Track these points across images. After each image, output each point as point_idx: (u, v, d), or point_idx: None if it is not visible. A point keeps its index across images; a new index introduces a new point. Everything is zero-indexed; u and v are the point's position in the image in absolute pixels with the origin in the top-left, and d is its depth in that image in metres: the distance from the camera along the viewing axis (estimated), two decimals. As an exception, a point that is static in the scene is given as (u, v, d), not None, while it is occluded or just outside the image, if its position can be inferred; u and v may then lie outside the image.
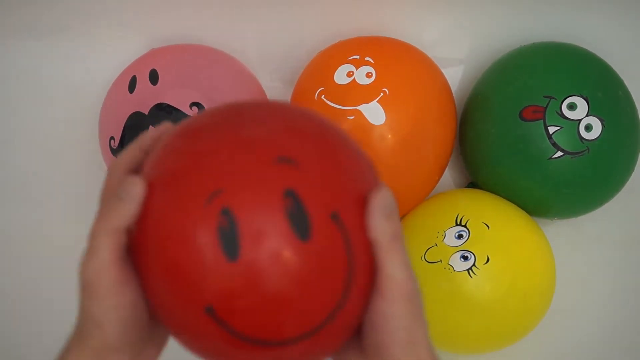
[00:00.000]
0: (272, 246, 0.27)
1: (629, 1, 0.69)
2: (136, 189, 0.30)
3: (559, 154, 0.58)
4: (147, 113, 0.57)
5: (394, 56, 0.62)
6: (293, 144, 0.30)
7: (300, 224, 0.28)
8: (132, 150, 0.35)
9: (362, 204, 0.30)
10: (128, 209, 0.30)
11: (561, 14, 0.69)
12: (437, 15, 0.71)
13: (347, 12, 0.69)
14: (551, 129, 0.58)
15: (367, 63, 0.60)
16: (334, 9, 0.69)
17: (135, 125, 0.57)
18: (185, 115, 0.57)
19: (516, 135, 0.59)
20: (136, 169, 0.33)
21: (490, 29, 0.71)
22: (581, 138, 0.57)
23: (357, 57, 0.60)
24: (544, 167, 0.58)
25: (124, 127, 0.57)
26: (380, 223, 0.29)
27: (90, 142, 0.66)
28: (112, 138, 0.59)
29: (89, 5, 0.70)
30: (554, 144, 0.58)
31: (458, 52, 0.73)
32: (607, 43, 0.66)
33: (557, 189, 0.60)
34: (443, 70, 0.65)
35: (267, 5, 0.69)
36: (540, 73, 0.60)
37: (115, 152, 0.59)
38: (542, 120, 0.58)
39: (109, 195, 0.32)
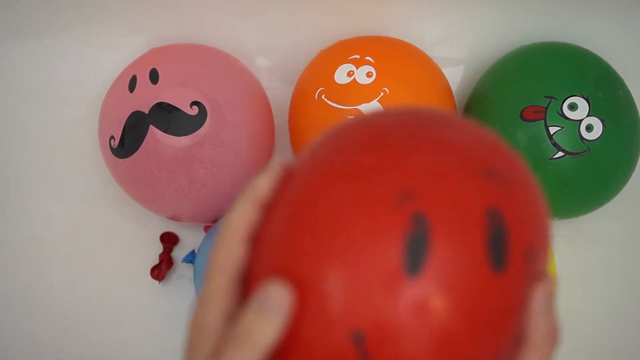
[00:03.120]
0: (462, 267, 0.23)
1: (629, 1, 0.69)
2: (283, 299, 0.24)
3: (560, 154, 0.58)
4: (147, 112, 0.57)
5: (394, 56, 0.62)
6: (498, 158, 0.26)
7: (497, 250, 0.23)
8: (246, 209, 0.27)
9: (546, 245, 0.26)
10: (273, 329, 0.24)
11: (561, 14, 0.69)
12: (437, 15, 0.71)
13: (347, 12, 0.69)
14: (552, 129, 0.58)
15: (368, 62, 0.60)
16: (334, 9, 0.69)
17: (135, 124, 0.57)
18: (185, 115, 0.56)
19: (517, 135, 0.59)
20: (254, 235, 0.27)
21: (490, 29, 0.71)
22: (582, 138, 0.57)
23: (358, 56, 0.60)
24: (545, 167, 0.58)
25: (124, 127, 0.57)
26: (537, 319, 0.26)
27: (90, 141, 0.66)
28: (112, 137, 0.58)
29: (89, 5, 0.70)
30: (555, 144, 0.58)
31: (458, 52, 0.73)
32: (607, 43, 0.66)
33: (557, 189, 0.59)
34: (443, 70, 0.65)
35: (267, 5, 0.69)
36: (540, 73, 0.60)
37: (115, 151, 0.58)
38: (542, 121, 0.58)
39: (220, 287, 0.26)
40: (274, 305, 0.24)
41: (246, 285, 0.26)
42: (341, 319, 0.23)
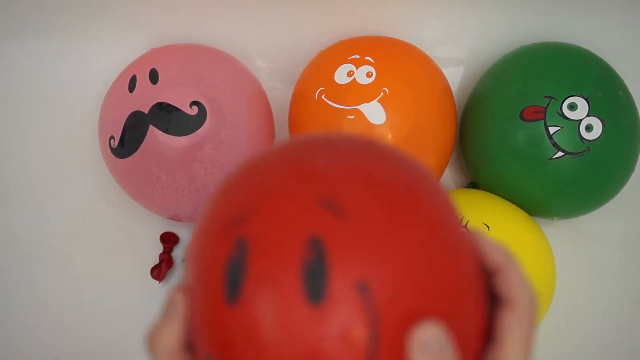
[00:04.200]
0: (274, 297, 0.22)
1: (629, 1, 0.69)
2: (178, 301, 0.26)
3: (560, 154, 0.58)
4: (147, 112, 0.57)
5: (394, 56, 0.62)
6: (351, 189, 0.24)
7: (314, 280, 0.22)
8: (171, 326, 0.26)
9: (416, 282, 0.23)
10: (174, 328, 0.25)
11: (561, 14, 0.69)
12: (437, 15, 0.71)
13: (347, 12, 0.69)
14: (552, 129, 0.58)
15: (368, 62, 0.60)
16: (334, 9, 0.69)
17: (135, 124, 0.57)
18: (185, 115, 0.56)
19: (516, 135, 0.59)
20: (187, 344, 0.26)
21: (490, 29, 0.71)
22: (582, 138, 0.57)
23: (358, 56, 0.60)
24: (545, 167, 0.58)
25: (124, 127, 0.57)
26: None
27: (90, 141, 0.66)
28: (112, 137, 0.58)
29: (88, 4, 0.70)
30: (555, 144, 0.58)
31: (458, 52, 0.73)
32: (607, 43, 0.66)
33: (557, 189, 0.60)
34: (443, 70, 0.65)
35: (267, 5, 0.69)
36: (540, 73, 0.60)
37: (115, 151, 0.58)
38: (542, 121, 0.58)
39: None
40: (173, 307, 0.26)
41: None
42: (199, 344, 0.25)
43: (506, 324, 0.26)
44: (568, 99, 0.58)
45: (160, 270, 0.67)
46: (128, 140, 0.57)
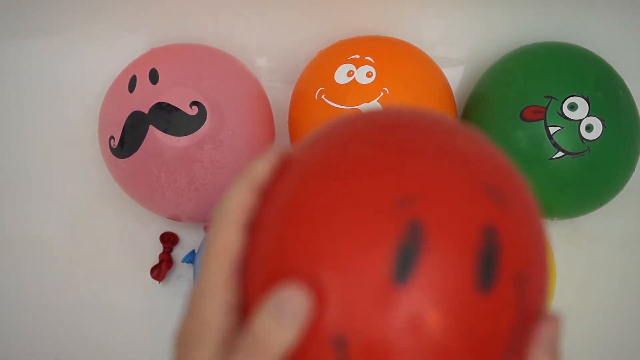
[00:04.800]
0: (447, 282, 0.22)
1: (629, 1, 0.69)
2: (302, 304, 0.22)
3: (560, 154, 0.58)
4: (147, 112, 0.57)
5: (394, 56, 0.62)
6: (501, 176, 0.25)
7: (486, 271, 0.23)
8: (244, 194, 0.26)
9: (542, 276, 0.25)
10: (290, 335, 0.22)
11: (562, 14, 0.69)
12: (437, 15, 0.71)
13: (347, 12, 0.69)
14: (552, 129, 0.58)
15: (368, 62, 0.60)
16: (334, 9, 0.69)
17: (135, 124, 0.57)
18: (185, 115, 0.56)
19: (517, 135, 0.59)
20: (251, 222, 0.26)
21: (490, 28, 0.71)
22: (582, 138, 0.57)
23: (358, 56, 0.60)
24: (545, 167, 0.58)
25: (124, 127, 0.57)
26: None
27: (90, 141, 0.66)
28: (112, 137, 0.58)
29: (88, 5, 0.70)
30: (555, 144, 0.57)
31: (458, 52, 0.73)
32: (607, 43, 0.66)
33: (557, 189, 0.59)
34: (443, 70, 0.65)
35: (267, 5, 0.69)
36: (540, 73, 0.60)
37: (115, 151, 0.58)
38: (542, 121, 0.58)
39: (220, 277, 0.25)
40: (292, 311, 0.22)
41: (242, 276, 0.25)
42: (326, 323, 0.23)
43: None
44: (568, 99, 0.58)
45: (160, 270, 0.67)
46: (128, 140, 0.57)
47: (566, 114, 0.57)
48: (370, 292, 0.22)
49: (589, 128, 0.57)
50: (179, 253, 0.69)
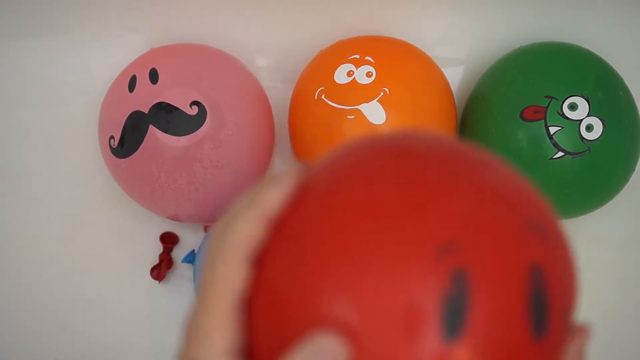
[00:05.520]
0: (503, 333, 0.21)
1: (629, 1, 0.69)
2: (341, 355, 0.20)
3: (560, 154, 0.58)
4: (147, 112, 0.57)
5: (394, 56, 0.62)
6: (537, 210, 0.23)
7: (539, 314, 0.21)
8: (252, 225, 0.24)
9: (577, 299, 0.24)
10: None
11: (561, 14, 0.69)
12: (437, 15, 0.71)
13: (347, 12, 0.69)
14: (552, 129, 0.58)
15: (367, 62, 0.60)
16: (334, 9, 0.69)
17: (135, 124, 0.57)
18: (185, 115, 0.56)
19: (517, 135, 0.59)
20: (258, 253, 0.24)
21: (490, 28, 0.71)
22: (582, 138, 0.57)
23: (357, 56, 0.60)
24: (545, 167, 0.58)
25: (124, 127, 0.57)
26: None
27: (90, 141, 0.66)
28: (112, 137, 0.58)
29: (88, 5, 0.70)
30: (555, 144, 0.57)
31: (458, 52, 0.73)
32: (607, 43, 0.66)
33: (557, 189, 0.59)
34: (443, 70, 0.65)
35: (267, 4, 0.69)
36: (540, 73, 0.60)
37: (115, 151, 0.58)
38: (542, 121, 0.58)
39: (223, 315, 0.22)
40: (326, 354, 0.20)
41: (246, 314, 0.23)
42: None
43: None
44: (568, 99, 0.58)
45: (160, 271, 0.67)
46: (128, 140, 0.57)
47: (566, 114, 0.57)
48: (419, 352, 0.20)
49: (589, 128, 0.57)
50: (179, 253, 0.69)
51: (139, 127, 0.57)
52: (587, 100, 0.58)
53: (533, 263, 0.21)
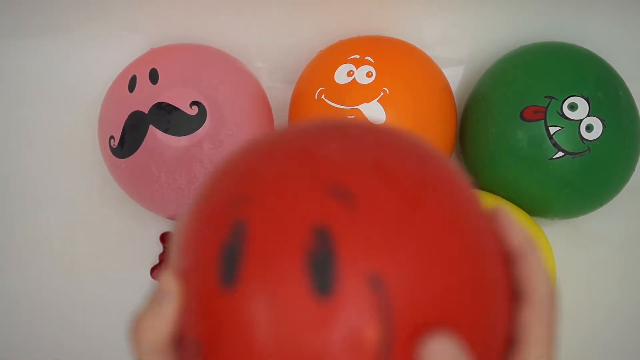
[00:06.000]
0: (274, 285, 0.21)
1: (629, 1, 0.69)
2: (172, 287, 0.23)
3: (560, 154, 0.58)
4: (147, 112, 0.57)
5: (394, 56, 0.62)
6: (361, 177, 0.23)
7: (320, 271, 0.21)
8: (162, 315, 0.24)
9: (437, 280, 0.22)
10: (167, 316, 0.23)
11: (562, 14, 0.69)
12: (437, 15, 0.71)
13: (347, 12, 0.69)
14: (552, 129, 0.58)
15: (368, 62, 0.60)
16: (334, 9, 0.69)
17: (135, 124, 0.57)
18: (185, 115, 0.56)
19: (517, 135, 0.59)
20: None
21: (490, 29, 0.71)
22: (582, 138, 0.57)
23: (358, 56, 0.60)
24: (545, 167, 0.58)
25: (124, 127, 0.57)
26: None
27: (90, 141, 0.66)
28: (112, 137, 0.58)
29: (89, 5, 0.70)
30: (555, 144, 0.57)
31: (458, 52, 0.73)
32: (607, 43, 0.66)
33: (557, 189, 0.59)
34: (443, 70, 0.65)
35: (267, 5, 0.69)
36: (540, 73, 0.60)
37: (115, 151, 0.58)
38: (542, 121, 0.58)
39: None
40: (165, 293, 0.24)
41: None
42: (184, 327, 0.23)
43: (525, 322, 0.24)
44: (568, 99, 0.58)
45: (160, 271, 0.67)
46: (128, 140, 0.57)
47: (566, 114, 0.57)
48: (203, 294, 0.22)
49: (589, 128, 0.57)
50: (179, 253, 0.69)
51: (139, 127, 0.57)
52: (587, 100, 0.58)
53: (321, 223, 0.21)
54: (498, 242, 0.25)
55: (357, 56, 0.60)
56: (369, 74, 0.59)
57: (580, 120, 0.57)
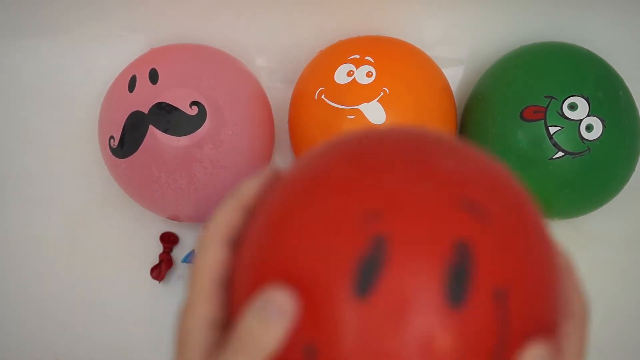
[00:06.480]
0: (414, 296, 0.22)
1: (629, 1, 0.69)
2: (287, 304, 0.23)
3: (560, 154, 0.58)
4: (147, 112, 0.57)
5: (394, 56, 0.62)
6: (487, 192, 0.25)
7: (457, 284, 0.22)
8: (228, 212, 0.27)
9: (537, 292, 0.24)
10: (276, 333, 0.23)
11: (562, 14, 0.69)
12: (437, 15, 0.71)
13: (347, 12, 0.69)
14: (552, 129, 0.58)
15: (368, 62, 0.60)
16: (334, 9, 0.69)
17: (135, 124, 0.57)
18: (185, 115, 0.56)
19: (517, 135, 0.59)
20: (236, 239, 0.27)
21: (490, 29, 0.71)
22: (582, 138, 0.57)
23: (357, 56, 0.60)
24: (545, 167, 0.58)
25: (124, 127, 0.57)
26: None
27: (90, 141, 0.66)
28: (111, 137, 0.58)
29: (89, 5, 0.70)
30: (555, 144, 0.57)
31: (458, 52, 0.73)
32: (607, 43, 0.66)
33: (557, 189, 0.59)
34: (443, 70, 0.65)
35: (267, 5, 0.69)
36: (540, 73, 0.60)
37: (114, 151, 0.58)
38: (542, 121, 0.58)
39: (203, 291, 0.26)
40: (278, 310, 0.23)
41: (229, 291, 0.26)
42: (300, 331, 0.23)
43: (564, 334, 0.26)
44: (568, 99, 0.58)
45: (160, 270, 0.67)
46: (128, 140, 0.57)
47: (566, 114, 0.57)
48: (334, 304, 0.23)
49: (589, 128, 0.57)
50: (179, 253, 0.69)
51: (138, 127, 0.57)
52: (587, 100, 0.58)
53: (459, 238, 0.23)
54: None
55: (357, 56, 0.60)
56: (369, 74, 0.59)
57: (580, 120, 0.57)
